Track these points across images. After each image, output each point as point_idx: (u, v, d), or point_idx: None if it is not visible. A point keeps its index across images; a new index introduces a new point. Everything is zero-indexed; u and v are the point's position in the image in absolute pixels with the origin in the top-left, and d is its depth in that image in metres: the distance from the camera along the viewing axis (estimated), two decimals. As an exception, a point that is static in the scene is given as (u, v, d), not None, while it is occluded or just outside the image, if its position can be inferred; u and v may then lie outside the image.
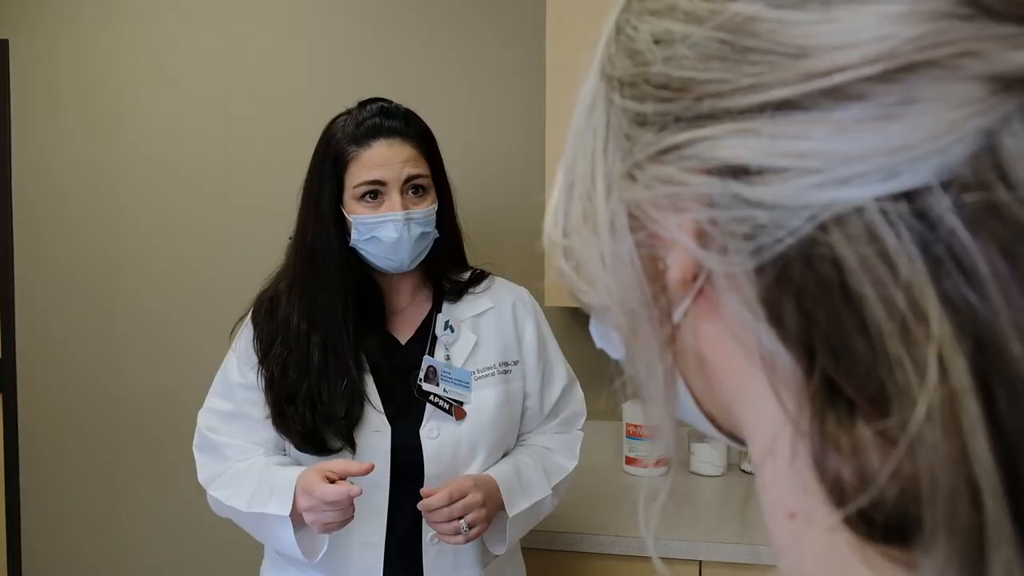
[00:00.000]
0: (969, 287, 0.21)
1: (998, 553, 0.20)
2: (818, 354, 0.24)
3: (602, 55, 0.31)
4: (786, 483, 0.27)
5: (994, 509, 0.20)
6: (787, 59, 0.23)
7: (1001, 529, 0.20)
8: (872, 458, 0.23)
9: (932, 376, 0.21)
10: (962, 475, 0.21)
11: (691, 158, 0.26)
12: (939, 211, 0.21)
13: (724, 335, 0.28)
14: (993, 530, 0.20)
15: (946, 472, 0.21)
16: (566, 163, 0.33)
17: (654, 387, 0.31)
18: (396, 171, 1.27)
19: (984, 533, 0.20)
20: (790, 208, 0.23)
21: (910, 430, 0.21)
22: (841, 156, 0.22)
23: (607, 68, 0.30)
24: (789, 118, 0.23)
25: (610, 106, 0.30)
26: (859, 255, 0.22)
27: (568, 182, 0.33)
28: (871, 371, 0.22)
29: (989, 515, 0.20)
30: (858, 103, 0.22)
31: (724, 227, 0.25)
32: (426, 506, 1.23)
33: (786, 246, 0.23)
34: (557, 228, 0.34)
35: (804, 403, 0.25)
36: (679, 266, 0.28)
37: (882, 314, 0.22)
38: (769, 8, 0.24)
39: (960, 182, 0.21)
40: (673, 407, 0.32)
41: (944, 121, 0.21)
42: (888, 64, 0.21)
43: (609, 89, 0.30)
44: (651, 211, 0.28)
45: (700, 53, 0.25)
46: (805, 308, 0.24)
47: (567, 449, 1.43)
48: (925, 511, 0.21)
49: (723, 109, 0.25)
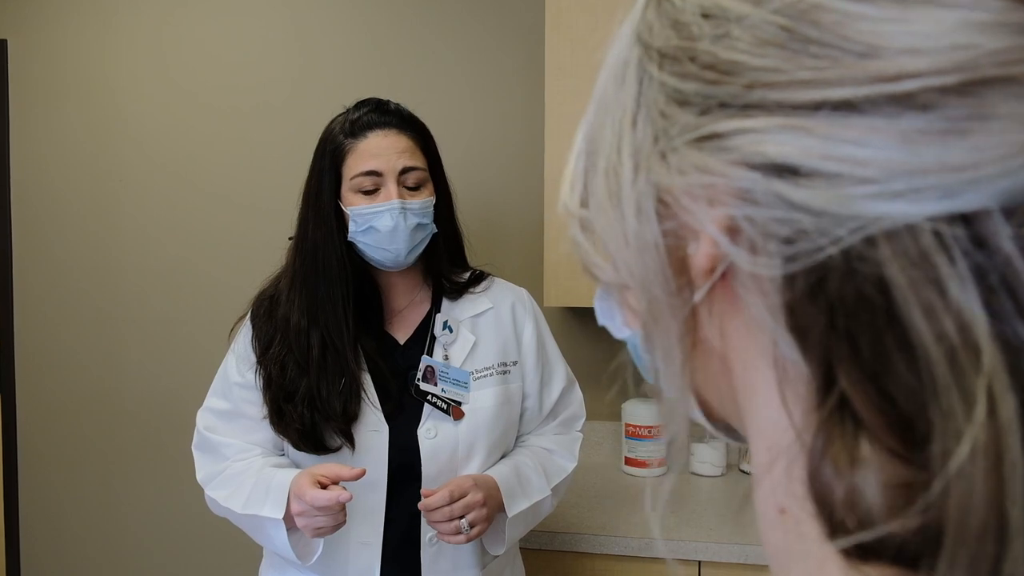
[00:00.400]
0: (1021, 321, 0.20)
1: None
2: (839, 370, 0.23)
3: (639, 18, 0.29)
4: (780, 484, 0.26)
5: (1020, 549, 0.20)
6: (852, 56, 0.22)
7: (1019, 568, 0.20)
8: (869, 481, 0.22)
9: (980, 410, 0.20)
10: (994, 513, 0.20)
11: (734, 149, 0.24)
12: (998, 239, 0.20)
13: (740, 328, 0.27)
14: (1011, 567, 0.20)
15: (981, 509, 0.20)
16: (588, 130, 0.31)
17: (670, 372, 0.30)
18: (392, 161, 1.27)
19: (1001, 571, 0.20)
20: (837, 216, 0.22)
21: (951, 466, 0.20)
22: (900, 168, 0.21)
23: (644, 35, 0.28)
24: (847, 120, 0.22)
25: (645, 76, 0.28)
26: (908, 275, 0.21)
27: (590, 150, 0.31)
28: (908, 395, 0.21)
29: (1013, 555, 0.20)
30: (925, 113, 0.20)
31: (761, 227, 0.24)
32: (426, 506, 1.22)
33: (826, 256, 0.22)
34: (574, 196, 0.32)
35: (811, 413, 0.24)
36: (704, 255, 0.27)
37: (930, 337, 0.21)
38: None
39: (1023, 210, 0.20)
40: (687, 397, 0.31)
41: (1015, 142, 0.19)
42: (964, 76, 0.20)
43: (645, 58, 0.28)
44: (683, 199, 0.26)
45: (756, 36, 0.24)
46: (837, 322, 0.23)
47: (566, 450, 1.43)
48: (948, 544, 0.20)
49: (775, 101, 0.23)
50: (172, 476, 2.31)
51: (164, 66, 2.31)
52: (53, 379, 2.41)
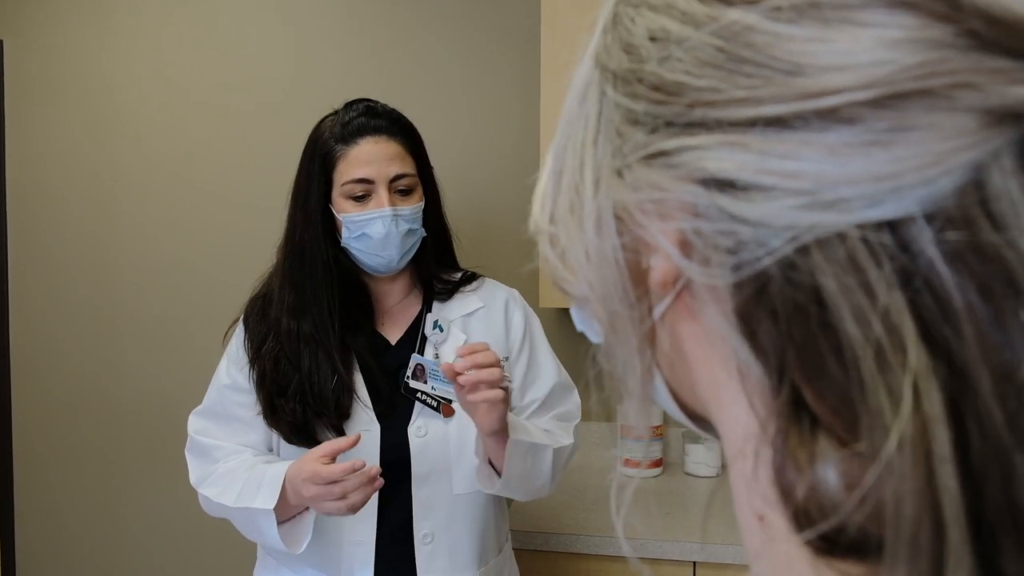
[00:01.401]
0: (945, 321, 0.20)
1: None
2: (788, 371, 0.24)
3: (598, 42, 0.30)
4: (753, 487, 0.27)
5: (956, 538, 0.20)
6: (781, 75, 0.23)
7: (961, 558, 0.20)
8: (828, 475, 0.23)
9: (906, 405, 0.21)
10: (927, 503, 0.20)
11: (679, 166, 0.25)
12: (921, 243, 0.21)
13: (701, 339, 0.28)
14: (953, 558, 0.20)
15: (912, 500, 0.21)
16: (555, 148, 0.33)
17: (631, 382, 0.31)
18: (383, 168, 1.28)
19: (944, 562, 0.20)
20: (773, 227, 0.23)
21: (881, 458, 0.21)
22: (828, 179, 0.22)
23: (602, 57, 0.30)
24: (779, 135, 0.23)
25: (603, 97, 0.29)
26: (839, 281, 0.22)
27: (557, 168, 0.32)
28: (844, 394, 0.22)
29: (951, 543, 0.20)
30: (849, 127, 0.21)
31: (707, 239, 0.25)
32: (473, 362, 1.14)
33: (766, 264, 0.23)
34: (544, 214, 0.33)
35: (771, 415, 0.25)
36: (662, 269, 0.28)
37: (859, 340, 0.21)
38: (766, 20, 0.23)
39: (944, 215, 0.20)
40: (649, 402, 0.32)
41: (933, 152, 0.20)
42: (883, 90, 0.21)
43: (603, 80, 0.29)
44: (637, 215, 0.27)
45: (696, 58, 0.25)
46: (780, 326, 0.24)
47: (564, 432, 1.39)
48: (888, 536, 0.21)
49: (714, 119, 0.24)
50: (169, 476, 2.31)
51: (161, 65, 2.31)
52: (49, 378, 2.41)
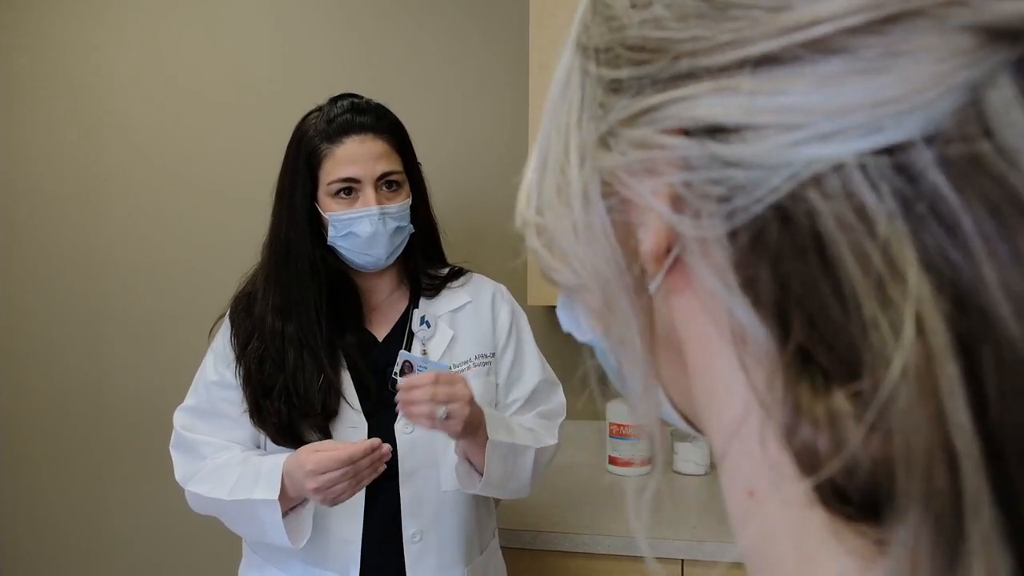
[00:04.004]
0: (953, 245, 0.20)
1: (976, 522, 0.19)
2: (793, 321, 0.23)
3: (578, 27, 0.30)
4: (749, 462, 0.26)
5: (972, 475, 0.19)
6: (767, 13, 0.22)
7: (980, 497, 0.19)
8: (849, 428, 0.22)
9: (908, 334, 0.20)
10: (938, 439, 0.19)
11: (667, 119, 0.24)
12: (922, 166, 0.20)
13: (695, 309, 0.27)
14: (971, 497, 0.19)
15: (921, 435, 0.19)
16: (540, 141, 0.32)
17: (633, 367, 0.29)
18: (369, 168, 1.27)
19: (961, 501, 0.19)
20: (769, 166, 0.22)
21: (883, 390, 0.20)
22: (822, 111, 0.21)
23: (582, 39, 0.29)
24: (770, 73, 0.22)
25: (585, 77, 0.29)
26: (836, 213, 0.21)
27: (542, 158, 0.32)
28: (850, 340, 0.21)
29: (967, 482, 0.19)
30: (840, 56, 0.21)
31: (699, 190, 0.24)
32: (408, 384, 1.16)
33: (764, 207, 0.22)
34: (530, 207, 0.33)
35: (776, 376, 0.24)
36: (653, 237, 0.27)
37: (857, 274, 0.21)
38: None
39: (944, 137, 0.20)
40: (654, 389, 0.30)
41: (929, 74, 0.20)
42: (872, 14, 0.20)
43: (584, 60, 0.29)
44: (625, 177, 0.27)
45: (678, 12, 0.24)
46: (780, 272, 0.23)
47: (547, 431, 1.39)
48: (898, 476, 0.20)
49: (702, 67, 0.23)
50: (156, 473, 2.29)
51: (150, 61, 2.30)
52: (36, 375, 2.39)
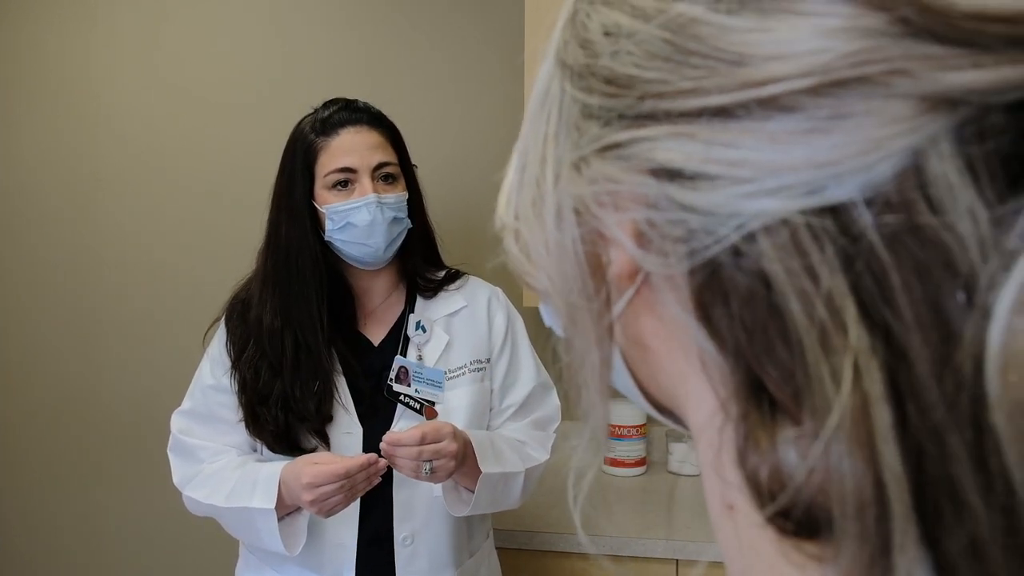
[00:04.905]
0: (884, 303, 0.21)
1: (903, 556, 0.21)
2: (743, 355, 0.24)
3: (558, 39, 0.31)
4: (719, 473, 0.27)
5: (901, 514, 0.21)
6: (726, 65, 0.23)
7: (907, 534, 0.21)
8: (790, 458, 0.23)
9: (847, 384, 0.21)
10: (871, 480, 0.21)
11: (631, 157, 0.26)
12: (861, 227, 0.21)
13: (662, 331, 0.29)
14: (899, 535, 0.21)
15: (856, 477, 0.21)
16: (520, 144, 0.33)
17: (589, 375, 0.31)
18: (365, 157, 1.28)
19: (890, 537, 0.21)
20: (720, 215, 0.23)
21: (824, 435, 0.21)
22: (770, 167, 0.22)
23: (561, 53, 0.30)
24: (724, 125, 0.23)
25: (563, 93, 0.30)
26: (784, 263, 0.22)
27: (521, 164, 0.33)
28: (794, 376, 0.23)
29: (896, 520, 0.21)
30: (790, 115, 0.22)
31: (660, 229, 0.25)
32: (394, 441, 1.17)
33: (716, 251, 0.24)
34: (509, 210, 0.34)
35: (731, 398, 0.26)
36: (619, 263, 0.28)
37: (804, 321, 0.22)
38: (710, 12, 0.24)
39: (883, 200, 0.21)
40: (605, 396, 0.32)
41: (871, 138, 0.21)
42: (821, 78, 0.21)
43: (563, 76, 0.30)
44: (594, 207, 0.28)
45: (645, 51, 0.25)
46: (732, 312, 0.24)
47: (539, 444, 1.40)
48: (835, 514, 0.22)
49: (663, 111, 0.25)
50: (151, 476, 2.29)
51: (145, 63, 2.29)
52: (32, 377, 2.39)
